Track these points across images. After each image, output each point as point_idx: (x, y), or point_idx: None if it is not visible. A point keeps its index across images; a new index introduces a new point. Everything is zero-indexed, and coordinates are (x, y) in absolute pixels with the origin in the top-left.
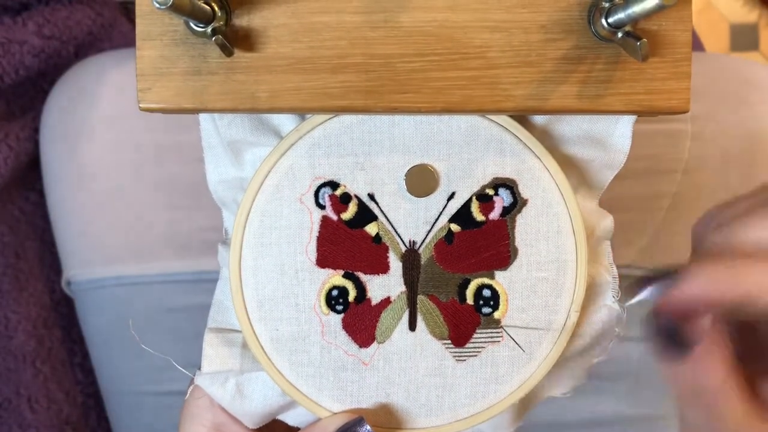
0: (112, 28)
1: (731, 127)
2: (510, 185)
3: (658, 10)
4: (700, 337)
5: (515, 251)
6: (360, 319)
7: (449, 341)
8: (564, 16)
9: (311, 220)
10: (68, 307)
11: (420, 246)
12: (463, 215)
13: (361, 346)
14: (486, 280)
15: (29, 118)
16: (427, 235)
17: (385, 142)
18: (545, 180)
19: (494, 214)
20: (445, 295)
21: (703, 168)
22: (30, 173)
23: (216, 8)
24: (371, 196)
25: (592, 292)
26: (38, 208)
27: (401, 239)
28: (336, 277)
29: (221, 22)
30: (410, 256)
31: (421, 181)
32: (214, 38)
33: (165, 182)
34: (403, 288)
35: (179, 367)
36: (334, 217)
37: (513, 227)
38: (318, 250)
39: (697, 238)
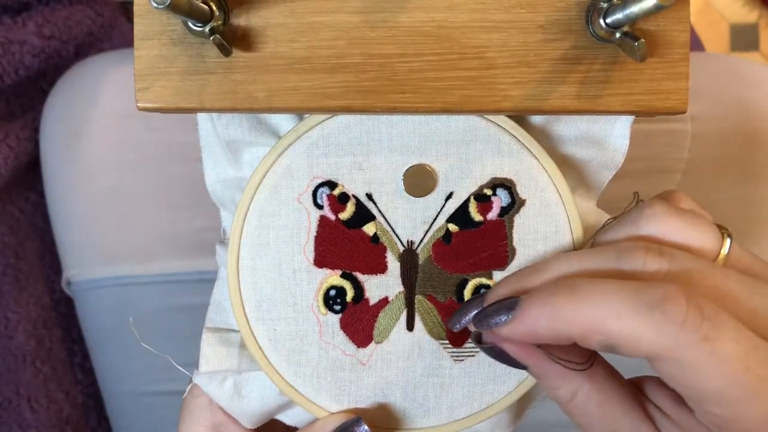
0: (112, 28)
1: (731, 127)
2: (508, 185)
3: (656, 10)
4: (528, 359)
5: (513, 251)
6: (358, 319)
7: (447, 341)
8: (562, 17)
9: (309, 220)
10: (68, 307)
11: (418, 246)
12: (461, 215)
13: (358, 346)
14: (484, 280)
15: (29, 118)
16: (425, 235)
17: (383, 142)
18: (543, 180)
19: (492, 215)
20: (443, 295)
21: (703, 168)
22: (30, 173)
23: (214, 8)
24: (369, 196)
25: None
26: (38, 208)
27: (399, 239)
28: (334, 277)
29: (219, 22)
30: (408, 256)
31: (419, 181)
32: (212, 38)
33: (165, 182)
34: (401, 288)
35: (178, 366)
36: (332, 217)
37: (511, 227)
38: (316, 250)
39: None
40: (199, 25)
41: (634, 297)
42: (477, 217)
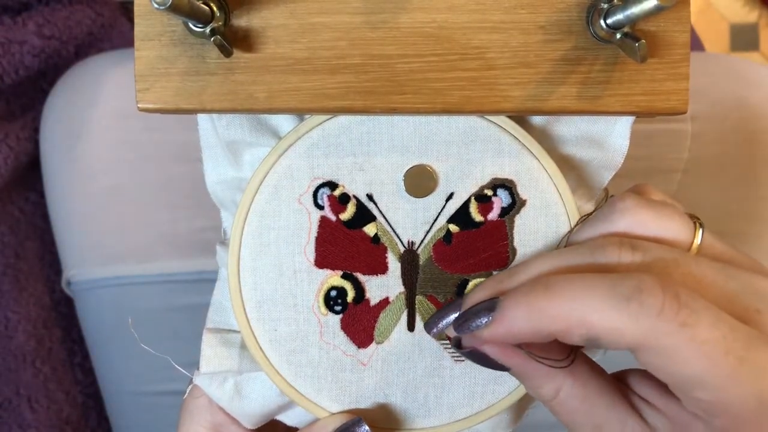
0: (112, 28)
1: (731, 126)
2: (509, 186)
3: (657, 11)
4: (509, 360)
5: (514, 252)
6: (358, 320)
7: (447, 341)
8: (562, 17)
9: (310, 220)
10: (68, 307)
11: (419, 246)
12: (461, 216)
13: (359, 347)
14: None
15: (29, 118)
16: (425, 236)
17: (383, 143)
18: (544, 180)
19: (493, 215)
20: (443, 296)
21: (703, 168)
22: (30, 173)
23: (215, 8)
24: (370, 197)
25: None
26: (38, 208)
27: (400, 240)
28: (334, 278)
29: (220, 23)
30: (409, 257)
31: (420, 181)
32: (212, 38)
33: (165, 182)
34: (402, 288)
35: (178, 367)
36: (333, 218)
37: (512, 228)
38: (316, 250)
39: None
40: (200, 25)
41: (611, 289)
42: (478, 217)
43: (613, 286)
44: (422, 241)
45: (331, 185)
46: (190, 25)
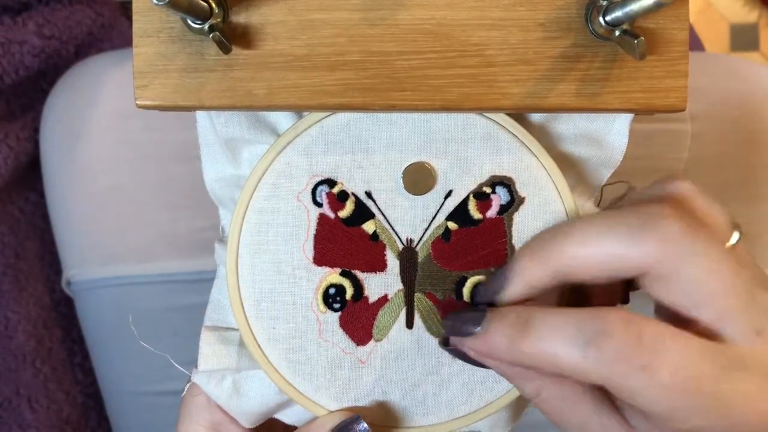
0: (112, 28)
1: (731, 126)
2: (507, 183)
3: (656, 8)
4: (489, 363)
5: (512, 249)
6: (357, 318)
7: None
8: (562, 14)
9: (308, 218)
10: (68, 307)
11: (417, 244)
12: (460, 213)
13: (358, 344)
14: (483, 278)
15: (29, 118)
16: (424, 233)
17: (382, 140)
18: (542, 178)
19: (491, 212)
20: (442, 293)
21: (703, 168)
22: (30, 173)
23: (213, 5)
24: (368, 194)
25: None
26: (38, 208)
27: (398, 237)
28: (333, 275)
29: (219, 19)
30: (407, 254)
31: (419, 179)
32: (211, 35)
33: (165, 182)
34: (401, 286)
35: (177, 366)
36: (332, 215)
37: (510, 225)
38: (315, 248)
39: None
40: (199, 22)
41: (574, 332)
42: (476, 215)
43: (578, 329)
44: (421, 239)
45: (330, 183)
46: (189, 22)
